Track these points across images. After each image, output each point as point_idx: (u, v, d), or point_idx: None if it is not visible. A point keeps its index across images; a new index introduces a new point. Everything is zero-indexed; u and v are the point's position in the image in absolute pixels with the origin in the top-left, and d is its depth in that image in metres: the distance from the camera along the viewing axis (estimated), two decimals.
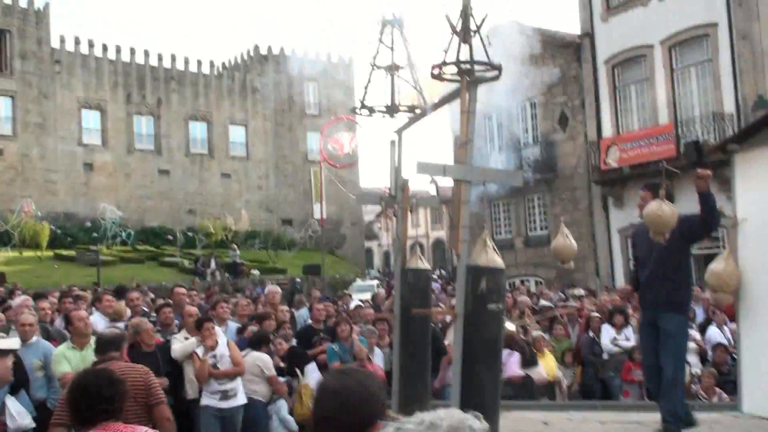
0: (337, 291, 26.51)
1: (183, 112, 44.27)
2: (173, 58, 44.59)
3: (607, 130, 21.86)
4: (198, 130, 45.09)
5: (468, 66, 4.69)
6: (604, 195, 21.85)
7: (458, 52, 4.69)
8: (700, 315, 11.74)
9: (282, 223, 46.61)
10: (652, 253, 6.02)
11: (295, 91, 48.97)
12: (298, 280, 31.78)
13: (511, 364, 8.65)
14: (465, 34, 4.68)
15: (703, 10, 19.26)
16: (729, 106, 18.66)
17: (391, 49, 5.94)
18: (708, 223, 5.88)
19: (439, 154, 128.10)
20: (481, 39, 4.76)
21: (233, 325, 9.14)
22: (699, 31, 19.52)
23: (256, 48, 49.07)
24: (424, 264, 6.11)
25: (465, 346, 4.68)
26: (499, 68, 4.77)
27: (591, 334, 10.41)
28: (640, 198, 6.12)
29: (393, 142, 6.16)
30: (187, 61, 45.09)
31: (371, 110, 6.10)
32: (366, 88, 5.97)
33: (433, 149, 65.82)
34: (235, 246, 36.01)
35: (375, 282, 37.36)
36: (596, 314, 10.91)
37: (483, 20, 4.75)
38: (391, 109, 6.04)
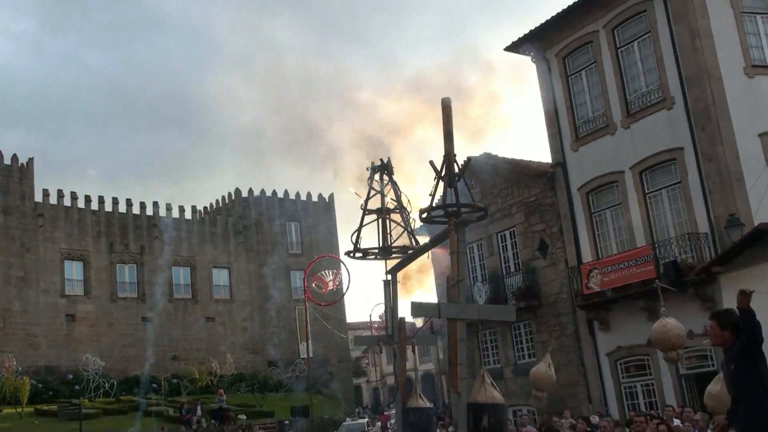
0: None
1: (166, 259, 44.41)
2: (155, 205, 45.19)
3: (587, 255, 22.15)
4: (181, 275, 45.16)
5: (454, 209, 4.86)
6: (589, 319, 21.88)
7: (444, 196, 4.86)
8: None
9: (268, 365, 45.95)
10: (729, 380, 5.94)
11: (278, 232, 49.50)
12: (287, 422, 31.08)
13: None
14: (450, 179, 4.87)
15: (669, 136, 19.98)
16: (703, 226, 19.05)
17: (381, 193, 6.13)
18: (751, 334, 5.78)
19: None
20: (465, 182, 4.96)
21: None
22: (666, 155, 20.18)
23: (237, 191, 49.93)
24: (425, 402, 6.08)
25: None
26: (484, 210, 4.96)
27: None
28: (710, 328, 6.12)
29: (387, 282, 6.26)
30: (169, 208, 45.69)
31: (365, 253, 6.20)
32: (358, 232, 6.11)
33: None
34: (222, 391, 35.33)
35: (365, 420, 36.58)
36: None
37: (465, 165, 5.02)
38: (384, 251, 6.11)
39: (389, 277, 6.15)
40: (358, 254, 6.12)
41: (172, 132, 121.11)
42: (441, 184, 4.97)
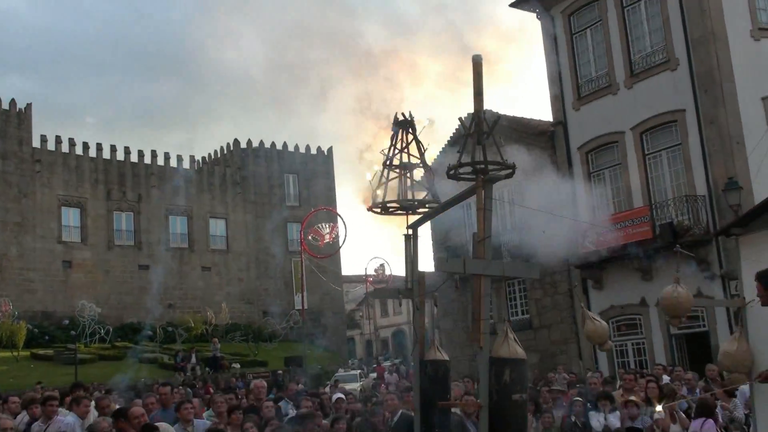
0: (320, 382, 26.17)
1: (163, 207, 44.46)
2: (153, 154, 45.07)
3: (584, 214, 22.18)
4: (178, 224, 45.22)
5: (483, 166, 4.94)
6: (583, 278, 22.01)
7: (473, 153, 4.95)
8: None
9: (263, 315, 46.29)
10: None
11: (276, 183, 49.47)
12: (280, 372, 31.40)
13: None
14: (479, 137, 4.96)
15: (671, 97, 19.90)
16: (701, 189, 19.09)
17: (406, 150, 6.13)
18: None
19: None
20: (494, 140, 4.99)
21: (201, 424, 8.79)
22: (668, 117, 20.12)
23: (236, 141, 49.77)
24: (443, 355, 6.14)
25: None
26: (512, 167, 5.07)
27: (573, 418, 10.38)
28: (757, 289, 6.32)
29: (408, 237, 6.27)
30: (167, 157, 45.60)
31: (386, 209, 6.27)
32: (380, 187, 6.14)
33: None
34: (216, 340, 35.62)
35: (357, 372, 36.97)
36: (578, 398, 10.91)
37: (495, 122, 5.02)
38: (406, 208, 6.21)
39: (410, 231, 6.15)
40: (377, 209, 6.13)
41: (173, 80, 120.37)
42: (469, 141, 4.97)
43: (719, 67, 18.96)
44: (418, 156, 6.15)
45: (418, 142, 6.22)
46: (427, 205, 6.24)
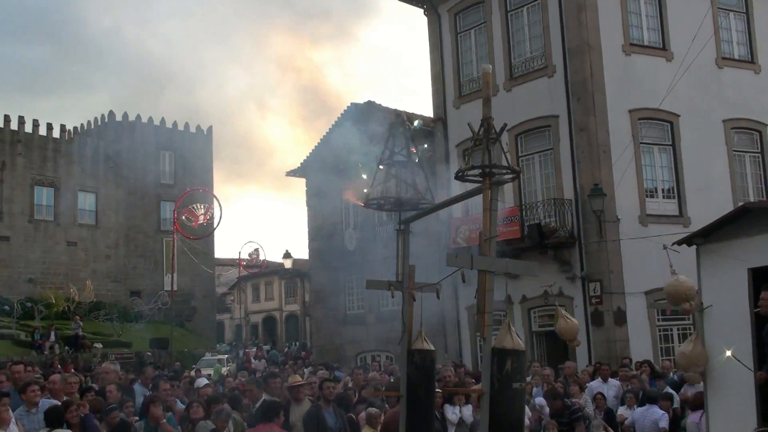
0: (185, 365, 25.69)
1: (29, 177, 42.32)
2: (21, 120, 42.80)
3: (458, 211, 22.69)
4: (44, 195, 43.13)
5: (489, 170, 5.36)
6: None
7: (483, 157, 5.33)
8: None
9: (130, 295, 44.94)
10: None
11: (151, 160, 47.97)
12: (149, 354, 30.67)
13: None
14: (488, 142, 5.35)
15: (547, 103, 20.61)
16: (568, 193, 19.89)
17: (407, 148, 6.48)
18: None
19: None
20: (501, 145, 5.39)
21: (46, 403, 8.44)
22: (542, 122, 20.83)
23: (111, 113, 47.96)
24: (429, 345, 6.50)
25: (492, 421, 5.11)
26: (517, 172, 5.55)
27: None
28: (762, 299, 6.97)
29: (399, 231, 6.64)
30: (36, 124, 43.39)
31: (380, 206, 6.63)
32: (373, 184, 6.49)
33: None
34: (78, 318, 34.33)
35: (225, 356, 36.54)
36: (438, 390, 11.20)
37: (502, 129, 5.36)
38: (399, 205, 6.57)
39: (402, 227, 6.58)
40: (372, 204, 6.52)
41: (47, 45, 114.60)
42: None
43: (592, 78, 19.78)
44: (412, 155, 6.50)
45: (411, 142, 6.57)
46: (420, 203, 6.58)
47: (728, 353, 7.02)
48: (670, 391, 12.12)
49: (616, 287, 18.86)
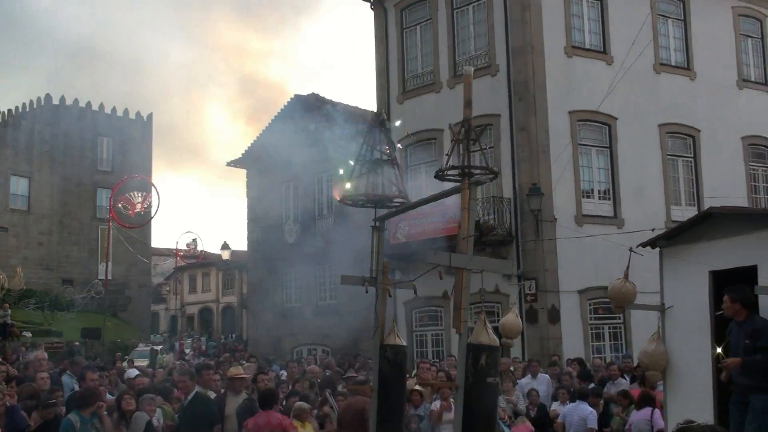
0: (116, 355, 25.20)
1: None
2: None
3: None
4: None
5: (469, 170, 5.58)
6: (392, 268, 22.53)
7: (462, 158, 5.59)
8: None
9: (63, 283, 43.91)
10: (739, 346, 6.97)
11: (88, 146, 46.89)
12: (77, 344, 30.01)
13: None
14: (467, 143, 5.65)
15: (489, 102, 20.74)
16: (507, 192, 20.10)
17: (387, 147, 6.62)
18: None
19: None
20: (481, 146, 5.62)
21: None
22: (484, 120, 20.94)
23: (48, 96, 46.71)
24: (401, 341, 6.69)
25: (466, 413, 5.28)
26: (495, 173, 5.82)
27: None
28: (724, 301, 7.14)
29: (374, 228, 6.76)
30: None
31: (356, 203, 6.77)
32: (351, 181, 6.58)
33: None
34: (7, 305, 33.37)
35: (159, 347, 36.01)
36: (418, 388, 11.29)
37: (482, 130, 5.39)
38: (376, 202, 6.71)
39: (377, 223, 6.69)
40: (349, 201, 6.66)
41: None
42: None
43: (534, 78, 20.02)
44: (389, 153, 6.60)
45: (389, 140, 6.70)
46: (395, 200, 6.74)
47: (719, 350, 7.19)
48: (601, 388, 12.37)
49: (551, 285, 19.16)
